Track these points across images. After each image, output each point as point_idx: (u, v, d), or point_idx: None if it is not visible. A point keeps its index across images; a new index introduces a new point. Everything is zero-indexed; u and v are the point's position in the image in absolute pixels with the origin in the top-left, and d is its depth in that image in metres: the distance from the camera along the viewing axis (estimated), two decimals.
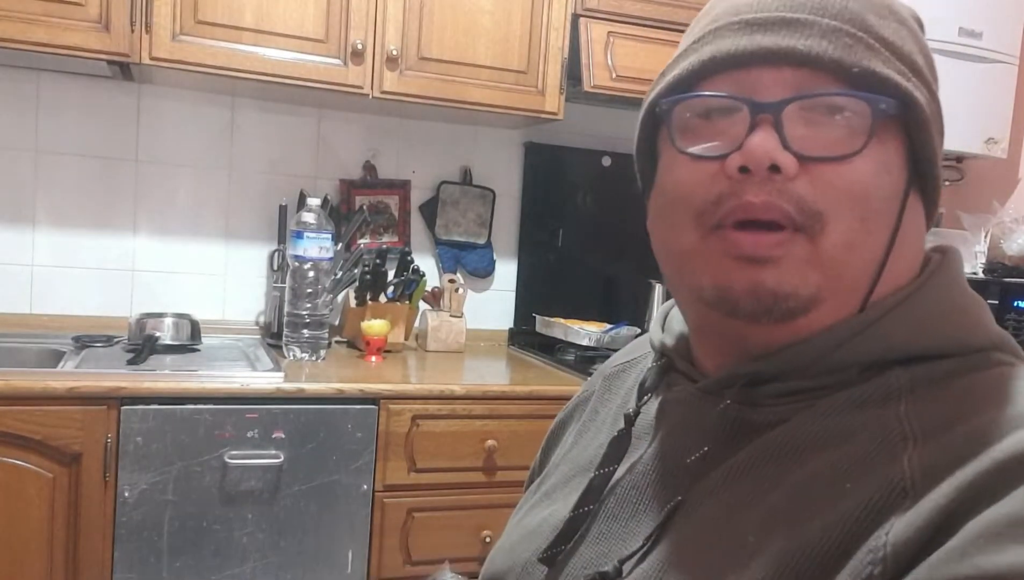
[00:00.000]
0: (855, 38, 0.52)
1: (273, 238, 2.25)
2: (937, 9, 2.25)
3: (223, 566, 1.68)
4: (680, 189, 0.55)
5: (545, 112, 2.13)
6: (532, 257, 2.51)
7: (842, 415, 0.51)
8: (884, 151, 0.52)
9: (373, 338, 2.07)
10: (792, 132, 0.51)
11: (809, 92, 0.51)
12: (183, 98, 2.20)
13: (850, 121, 0.52)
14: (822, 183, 0.51)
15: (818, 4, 0.52)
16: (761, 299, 0.52)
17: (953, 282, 0.56)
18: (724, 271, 0.53)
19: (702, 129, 0.55)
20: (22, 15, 1.74)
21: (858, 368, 0.53)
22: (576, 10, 2.13)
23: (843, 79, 0.51)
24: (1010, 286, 2.12)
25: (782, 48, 0.52)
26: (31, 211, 2.11)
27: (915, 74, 0.54)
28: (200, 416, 1.64)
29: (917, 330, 0.53)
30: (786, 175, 0.51)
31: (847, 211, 0.51)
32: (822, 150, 0.51)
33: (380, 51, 1.99)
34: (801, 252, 0.51)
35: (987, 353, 0.52)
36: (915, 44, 0.55)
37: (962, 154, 2.43)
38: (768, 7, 0.53)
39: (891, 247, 0.53)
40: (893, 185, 0.53)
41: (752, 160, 0.51)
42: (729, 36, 0.54)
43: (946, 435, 0.47)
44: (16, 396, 1.54)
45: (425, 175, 2.41)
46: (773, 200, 0.51)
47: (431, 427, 1.81)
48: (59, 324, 2.10)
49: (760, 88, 0.52)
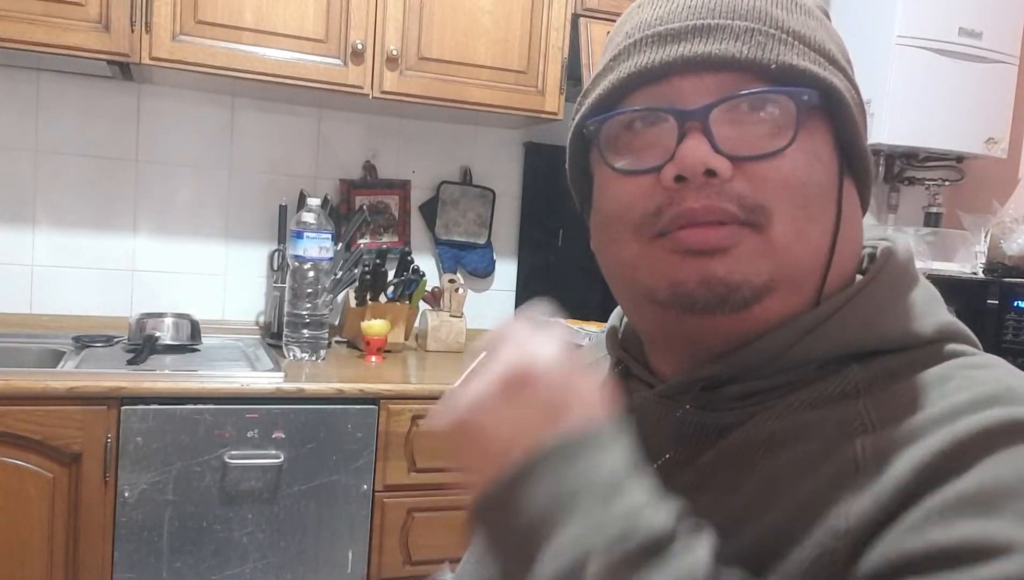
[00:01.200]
0: (768, 35, 0.52)
1: (273, 238, 2.25)
2: (937, 9, 2.25)
3: (223, 566, 1.68)
4: (617, 205, 0.56)
5: (545, 112, 2.13)
6: (532, 257, 2.51)
7: (800, 414, 0.52)
8: (812, 141, 0.53)
9: (373, 338, 2.07)
10: (721, 135, 0.51)
11: (732, 94, 0.52)
12: (183, 98, 2.20)
13: (776, 116, 0.52)
14: (759, 179, 0.51)
15: (727, 7, 0.53)
16: (714, 288, 0.51)
17: (904, 274, 0.56)
18: (673, 267, 0.53)
19: (631, 144, 0.55)
20: (22, 15, 1.74)
21: (814, 365, 0.53)
22: (576, 10, 2.14)
23: (763, 77, 0.52)
24: (1010, 286, 2.12)
25: (699, 55, 0.52)
26: (31, 211, 2.11)
27: (830, 63, 0.55)
28: (200, 416, 1.64)
29: (870, 325, 0.53)
30: (722, 177, 0.51)
31: (788, 202, 0.51)
32: (753, 148, 0.52)
33: (380, 51, 1.99)
34: (751, 243, 0.51)
35: (941, 344, 0.53)
36: (825, 33, 0.56)
37: (962, 154, 2.43)
38: (679, 16, 0.54)
39: (837, 233, 0.54)
40: (826, 172, 0.53)
41: (686, 168, 0.51)
42: (646, 50, 0.54)
43: (904, 421, 0.48)
44: (16, 396, 1.55)
45: (425, 175, 2.42)
46: (713, 203, 0.51)
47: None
48: (59, 324, 2.10)
49: (683, 97, 0.53)
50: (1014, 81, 2.34)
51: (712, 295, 0.52)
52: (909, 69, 2.23)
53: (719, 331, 0.54)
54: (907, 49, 2.24)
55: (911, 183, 2.63)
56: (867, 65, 2.31)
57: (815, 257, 0.53)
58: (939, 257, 2.38)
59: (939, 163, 2.55)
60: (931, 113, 2.27)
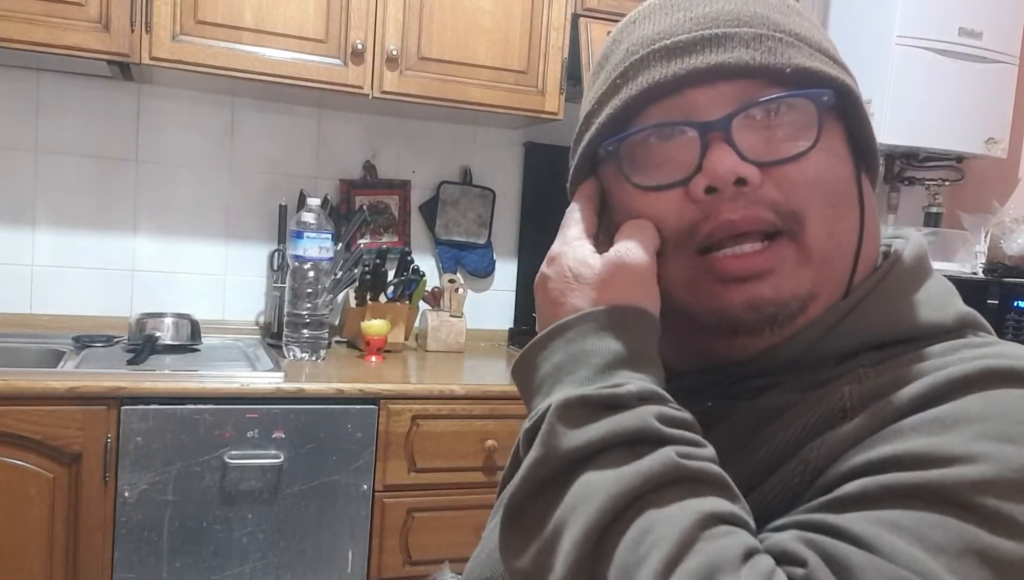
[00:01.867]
0: (775, 40, 0.53)
1: (273, 238, 2.25)
2: (937, 9, 2.25)
3: (223, 566, 1.68)
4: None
5: (545, 112, 2.13)
6: (532, 257, 2.51)
7: (802, 392, 0.53)
8: (831, 140, 0.54)
9: (373, 338, 2.07)
10: (745, 143, 0.51)
11: (752, 101, 0.52)
12: (183, 98, 2.20)
13: (796, 119, 0.53)
14: (788, 184, 0.52)
15: (729, 16, 0.53)
16: (762, 311, 0.52)
17: (918, 267, 0.57)
18: (718, 296, 0.53)
19: (649, 160, 0.55)
20: (22, 15, 1.74)
21: (834, 360, 0.54)
22: (576, 10, 2.14)
23: (777, 81, 0.52)
24: (1010, 286, 2.12)
25: (712, 65, 0.52)
26: (31, 211, 2.11)
27: (834, 61, 0.55)
28: (200, 416, 1.64)
29: (887, 318, 0.54)
30: (752, 185, 0.51)
31: (818, 203, 0.52)
32: (778, 153, 0.52)
33: (380, 51, 1.99)
34: (790, 255, 0.52)
35: (960, 332, 0.54)
36: (819, 32, 0.57)
37: (962, 154, 2.43)
38: (683, 29, 0.53)
39: (863, 228, 0.55)
40: (846, 169, 0.55)
41: (717, 178, 0.51)
42: (655, 65, 0.53)
43: (896, 375, 0.50)
44: (16, 396, 1.55)
45: (425, 175, 2.41)
46: (751, 212, 0.52)
47: (431, 427, 1.81)
48: (59, 324, 2.10)
49: (699, 109, 0.53)
50: (1014, 81, 2.34)
51: (761, 317, 0.52)
52: (909, 69, 2.23)
53: (760, 346, 0.54)
54: (907, 49, 2.23)
55: (911, 183, 2.63)
56: (867, 65, 2.31)
57: (847, 255, 0.54)
58: (939, 257, 2.38)
59: (939, 163, 2.55)
60: (931, 113, 2.27)
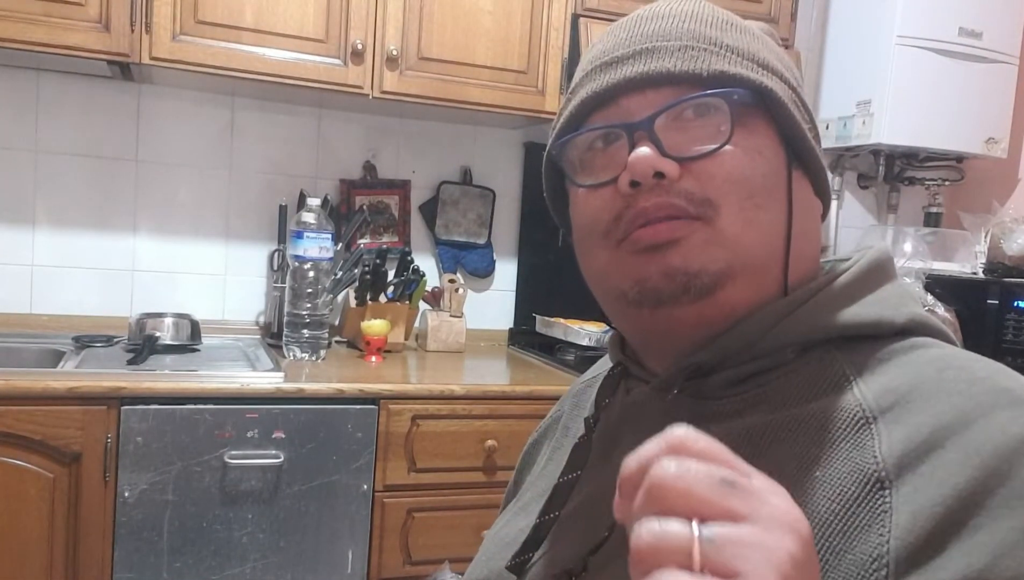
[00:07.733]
0: (700, 50, 0.58)
1: (273, 238, 2.25)
2: (937, 9, 2.25)
3: (223, 566, 1.68)
4: (586, 219, 0.61)
5: (545, 112, 2.13)
6: (532, 257, 2.51)
7: (799, 407, 0.54)
8: (751, 137, 0.57)
9: (373, 338, 2.07)
10: (667, 140, 0.56)
11: (671, 103, 0.57)
12: (183, 98, 2.20)
13: (714, 118, 0.57)
14: (705, 176, 0.56)
15: (663, 32, 0.59)
16: (675, 278, 0.55)
17: (879, 269, 0.60)
18: (636, 267, 0.57)
19: (594, 163, 0.60)
20: (22, 15, 1.74)
21: (792, 349, 0.56)
22: (576, 10, 2.14)
23: (699, 85, 0.57)
24: (1010, 286, 2.12)
25: (639, 74, 0.58)
26: (31, 211, 2.11)
27: (765, 68, 0.59)
28: (200, 416, 1.64)
29: (843, 310, 0.57)
30: (671, 178, 0.56)
31: (733, 194, 0.56)
32: (696, 148, 0.56)
33: (380, 51, 1.99)
34: (702, 234, 0.55)
35: (912, 334, 0.56)
36: (766, 49, 0.61)
37: (962, 154, 2.43)
38: (622, 45, 0.60)
39: (790, 222, 0.58)
40: (770, 165, 0.58)
41: (637, 172, 0.56)
42: (596, 77, 0.60)
43: (906, 418, 0.49)
44: (16, 396, 1.55)
45: (425, 175, 2.41)
46: (663, 200, 0.55)
47: (431, 427, 1.81)
48: (59, 324, 2.10)
49: (631, 114, 0.58)
50: (1014, 81, 2.34)
51: (675, 285, 0.55)
52: (909, 69, 2.23)
53: (690, 320, 0.57)
54: (907, 49, 2.24)
55: (911, 183, 2.63)
56: (867, 65, 2.31)
57: (771, 244, 0.57)
58: (939, 257, 2.38)
59: (939, 163, 2.55)
60: (931, 113, 2.27)
